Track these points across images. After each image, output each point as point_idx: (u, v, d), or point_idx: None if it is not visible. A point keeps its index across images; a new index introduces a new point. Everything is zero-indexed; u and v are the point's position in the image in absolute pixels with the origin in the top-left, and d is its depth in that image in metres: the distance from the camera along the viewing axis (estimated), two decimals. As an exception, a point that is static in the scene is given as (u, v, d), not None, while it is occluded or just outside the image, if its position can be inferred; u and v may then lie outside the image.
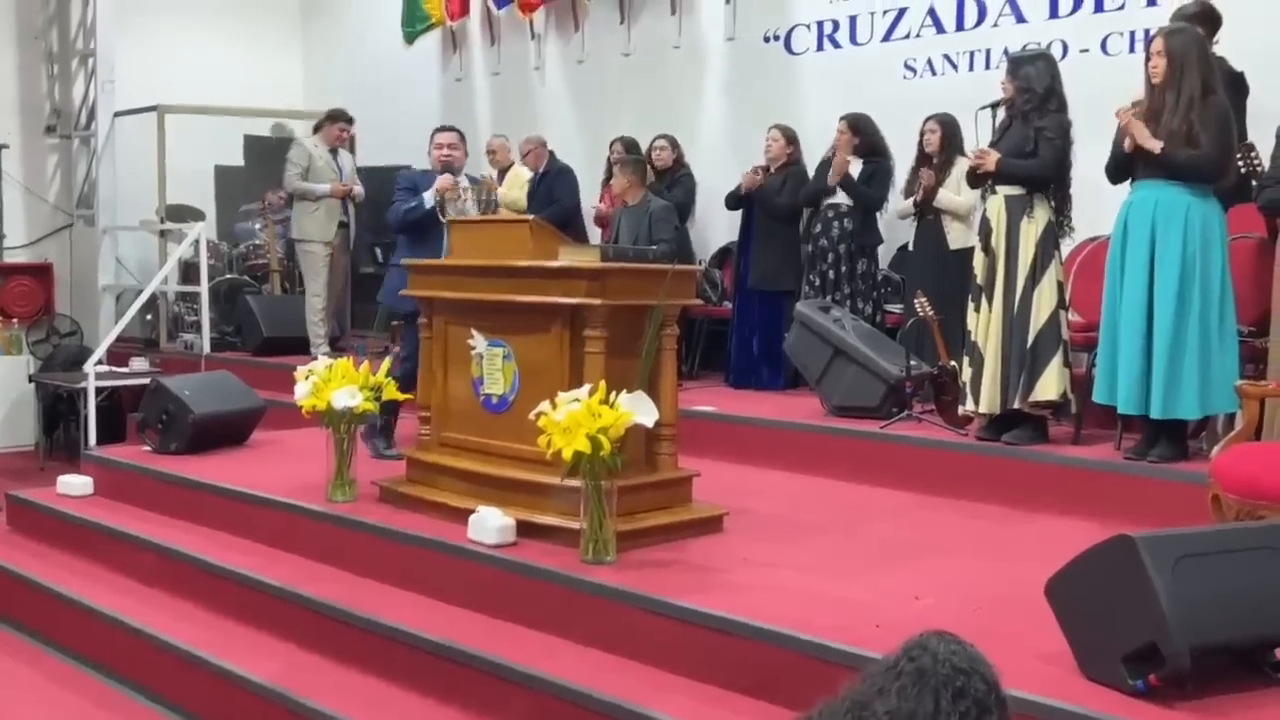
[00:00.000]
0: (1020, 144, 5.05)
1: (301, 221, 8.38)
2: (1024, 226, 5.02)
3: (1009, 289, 5.02)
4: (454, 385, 4.63)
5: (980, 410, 5.06)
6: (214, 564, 4.61)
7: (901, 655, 1.77)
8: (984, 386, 5.04)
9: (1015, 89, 5.06)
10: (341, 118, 8.59)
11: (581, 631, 3.67)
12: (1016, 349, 4.99)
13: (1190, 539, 2.86)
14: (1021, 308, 4.99)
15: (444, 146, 5.86)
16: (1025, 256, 5.00)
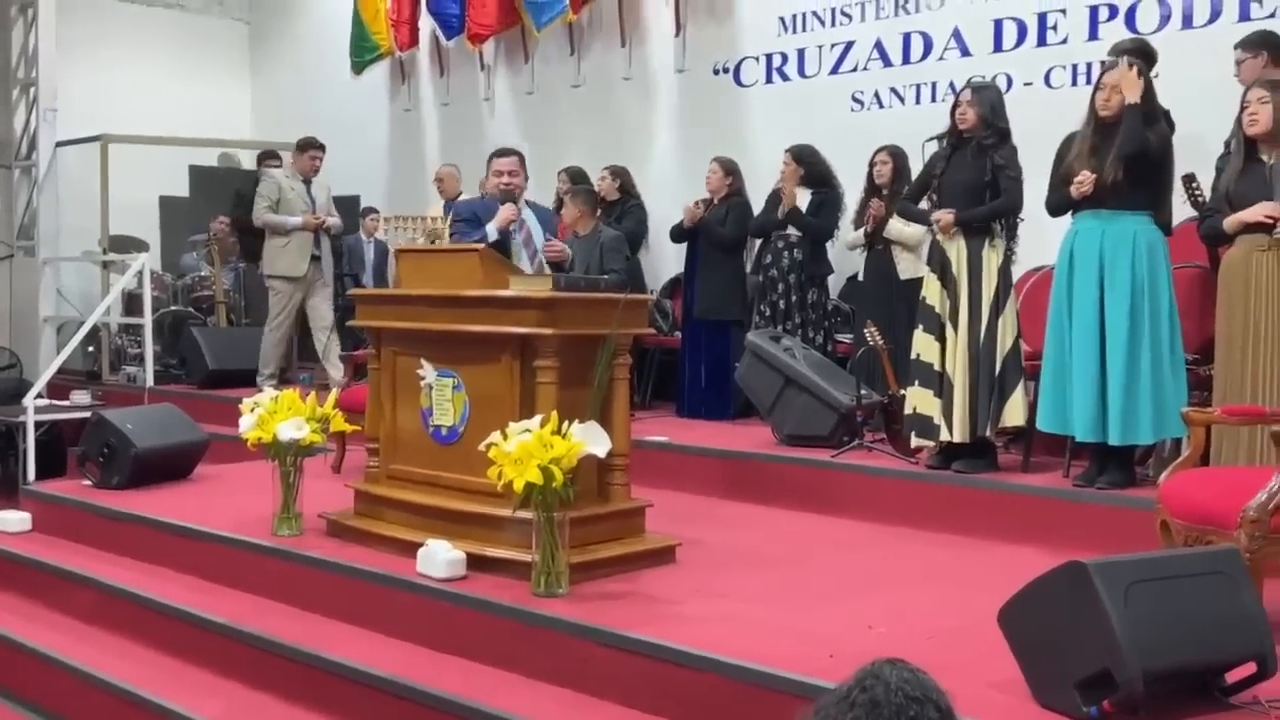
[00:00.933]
0: (976, 175, 5.08)
1: (272, 256, 8.16)
2: (986, 257, 5.06)
3: (973, 318, 5.05)
4: (403, 416, 4.58)
5: (955, 439, 5.06)
6: (156, 601, 4.51)
7: (854, 684, 1.75)
8: (956, 415, 5.04)
9: (978, 116, 5.09)
10: (312, 145, 8.41)
11: (534, 665, 3.62)
12: (985, 377, 5.02)
13: (1141, 565, 2.87)
14: (988, 336, 5.03)
15: (504, 173, 5.39)
16: (989, 286, 5.05)
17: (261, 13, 11.80)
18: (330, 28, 10.62)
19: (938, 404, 5.08)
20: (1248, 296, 4.24)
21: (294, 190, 8.19)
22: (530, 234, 5.33)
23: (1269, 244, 4.21)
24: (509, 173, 5.38)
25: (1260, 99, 4.22)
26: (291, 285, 8.13)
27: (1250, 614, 2.87)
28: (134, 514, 5.19)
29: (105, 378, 9.75)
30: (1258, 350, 4.21)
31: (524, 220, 5.33)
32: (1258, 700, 2.84)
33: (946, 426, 5.06)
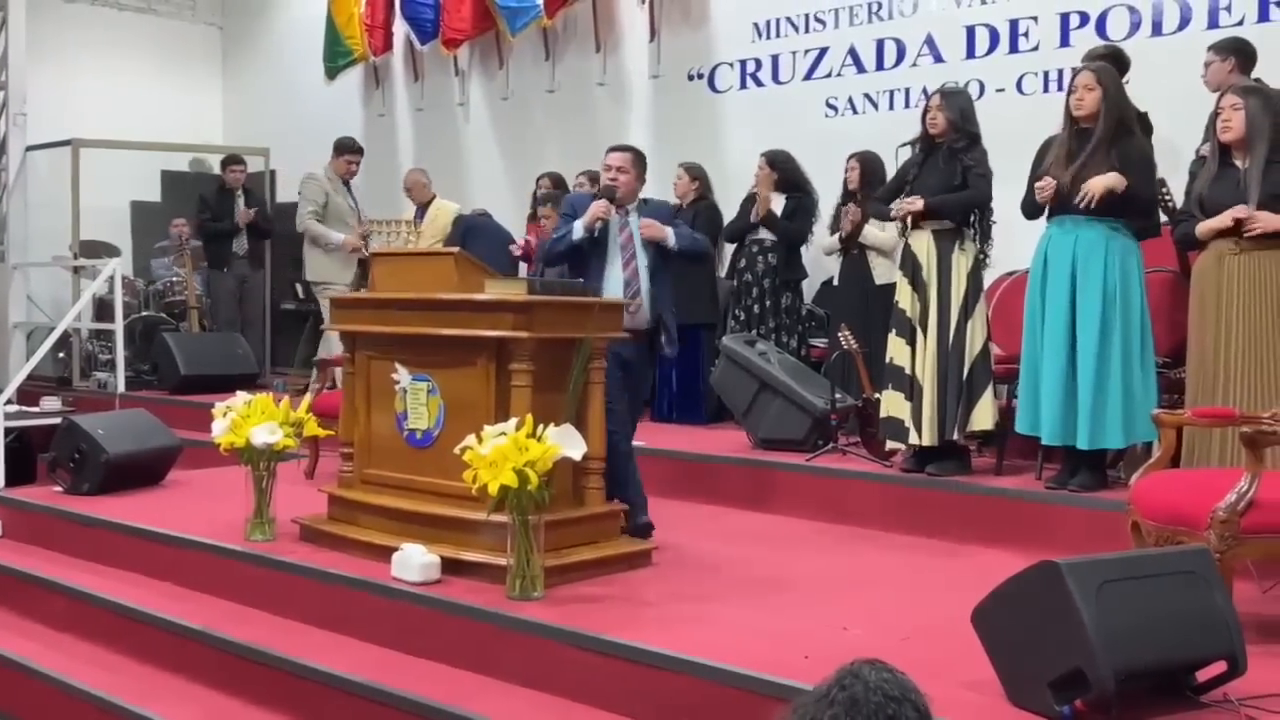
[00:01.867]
0: (947, 179, 5.11)
1: (315, 261, 8.00)
2: (955, 260, 5.09)
3: (942, 322, 5.08)
4: (377, 421, 4.56)
5: (924, 442, 5.09)
6: (128, 607, 4.47)
7: (834, 684, 1.76)
8: (924, 419, 5.06)
9: (948, 121, 5.12)
10: (350, 149, 8.22)
11: (509, 669, 3.61)
12: (954, 381, 5.05)
13: (1113, 564, 2.89)
14: (956, 340, 5.05)
15: (611, 168, 4.87)
16: (958, 290, 5.07)
17: (234, 17, 11.75)
18: (303, 32, 10.58)
19: (908, 407, 5.11)
20: (1219, 300, 4.28)
21: (339, 195, 8.02)
22: (632, 237, 4.79)
23: (1239, 248, 4.25)
24: (616, 168, 4.86)
25: (1233, 105, 4.26)
26: (347, 289, 7.86)
27: (1220, 613, 2.90)
28: (105, 520, 5.15)
29: (76, 384, 9.67)
30: (1229, 353, 4.25)
31: (626, 221, 4.80)
32: (1228, 698, 2.87)
33: (915, 430, 5.09)
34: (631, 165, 4.86)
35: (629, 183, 4.84)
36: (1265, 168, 4.19)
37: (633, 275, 4.75)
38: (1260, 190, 4.19)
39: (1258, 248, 4.22)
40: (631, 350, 4.66)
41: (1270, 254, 4.23)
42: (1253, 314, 4.23)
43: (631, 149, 4.97)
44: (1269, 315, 4.22)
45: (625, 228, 4.81)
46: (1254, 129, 4.21)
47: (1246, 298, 4.24)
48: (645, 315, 4.74)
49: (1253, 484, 3.29)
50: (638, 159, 4.91)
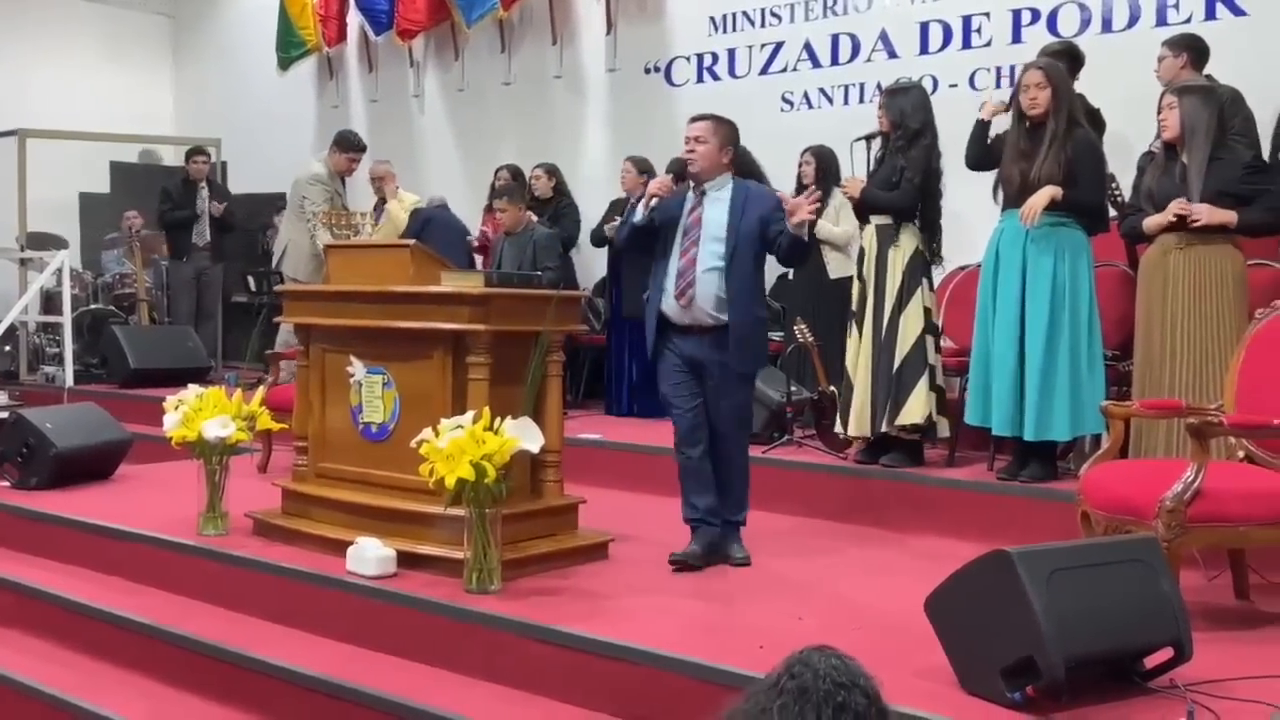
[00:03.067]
0: (889, 174, 5.19)
1: (298, 261, 7.70)
2: (891, 255, 5.15)
3: (878, 315, 5.15)
4: (331, 414, 4.54)
5: (851, 434, 5.16)
6: (79, 603, 4.42)
7: (783, 672, 1.78)
8: (854, 410, 5.15)
9: (889, 122, 5.20)
10: (354, 147, 7.80)
11: (466, 662, 3.61)
12: (884, 373, 5.10)
13: (1063, 553, 2.94)
14: (889, 333, 5.11)
15: (689, 140, 4.22)
16: (892, 284, 5.13)
17: (185, 6, 11.60)
18: (255, 23, 10.47)
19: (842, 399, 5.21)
20: (1165, 293, 4.37)
21: (339, 195, 7.70)
22: (700, 220, 4.20)
23: (1184, 243, 4.33)
24: (694, 138, 4.20)
25: (1169, 105, 4.38)
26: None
27: (1168, 601, 2.95)
28: (54, 515, 5.08)
29: (23, 377, 9.51)
30: (1174, 346, 4.34)
31: (700, 202, 4.21)
32: (1175, 684, 2.92)
33: (842, 421, 5.17)
34: (712, 134, 4.19)
35: (708, 154, 4.18)
36: (1209, 163, 4.27)
37: (688, 264, 4.15)
38: (1203, 185, 4.27)
39: (1201, 242, 4.32)
40: (696, 346, 4.19)
41: (1214, 248, 4.32)
42: (1197, 307, 4.32)
43: (713, 116, 4.27)
44: (1213, 308, 4.31)
45: (696, 209, 4.21)
46: (1189, 126, 4.31)
47: (1191, 291, 4.33)
48: (703, 311, 4.15)
49: (1199, 474, 3.35)
50: (720, 127, 4.22)
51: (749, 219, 4.17)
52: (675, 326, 4.23)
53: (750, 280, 4.21)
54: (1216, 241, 4.32)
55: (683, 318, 4.20)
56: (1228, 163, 4.31)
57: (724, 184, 4.24)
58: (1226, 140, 4.37)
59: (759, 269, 4.28)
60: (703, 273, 4.15)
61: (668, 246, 4.22)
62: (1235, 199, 4.26)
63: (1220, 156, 4.30)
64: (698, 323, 4.18)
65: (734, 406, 4.26)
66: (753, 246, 4.19)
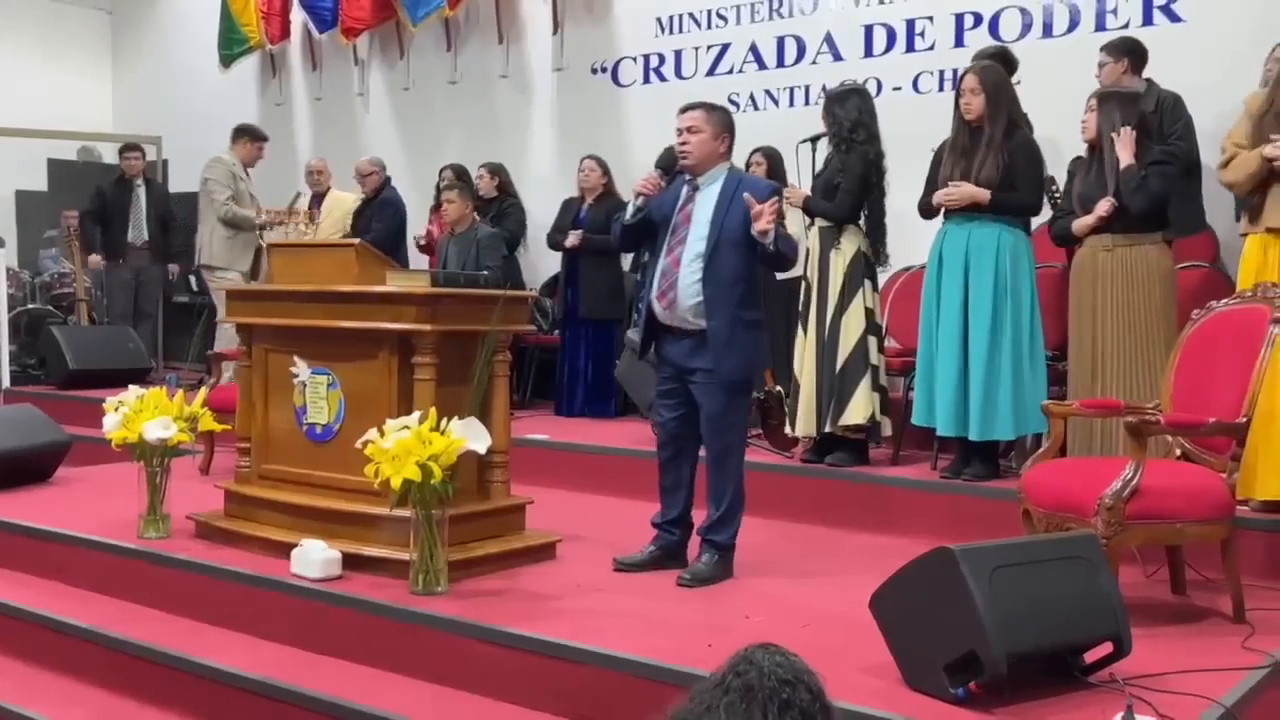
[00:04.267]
0: (831, 175, 5.24)
1: (219, 249, 7.70)
2: (833, 257, 5.20)
3: (820, 316, 5.19)
4: (275, 415, 4.49)
5: (798, 433, 5.21)
6: (14, 607, 4.33)
7: (728, 671, 1.79)
8: (800, 410, 5.20)
9: (827, 124, 5.27)
10: (261, 136, 7.92)
11: (412, 664, 3.58)
12: (827, 374, 5.15)
13: (1005, 550, 2.98)
14: (831, 334, 5.16)
15: (680, 130, 4.01)
16: (835, 285, 5.18)
17: (124, 2, 11.42)
18: (197, 19, 10.34)
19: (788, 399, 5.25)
20: (1095, 294, 4.47)
21: (243, 181, 7.77)
22: (690, 217, 4.00)
23: (1113, 244, 4.44)
24: (686, 129, 3.98)
25: (1089, 108, 4.52)
26: (235, 278, 7.66)
27: (1107, 596, 3.00)
28: (-10, 518, 4.98)
29: (-43, 379, 9.32)
30: (1105, 346, 4.43)
31: (692, 196, 4.01)
32: (1114, 678, 2.97)
33: (790, 421, 5.21)
34: (705, 123, 3.96)
35: (701, 144, 3.95)
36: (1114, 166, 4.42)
37: (672, 264, 3.96)
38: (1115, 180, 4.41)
39: (1130, 243, 4.44)
40: (679, 351, 4.02)
41: (1142, 249, 4.45)
42: (1126, 307, 4.42)
43: (705, 104, 4.06)
44: (1141, 308, 4.42)
45: (688, 205, 4.00)
46: (1105, 128, 4.43)
47: (1120, 292, 4.44)
48: (684, 314, 3.95)
49: (1137, 472, 3.41)
50: (714, 114, 3.99)
51: (735, 214, 3.90)
52: (663, 328, 4.07)
53: (733, 281, 3.91)
54: (1145, 242, 4.45)
55: (668, 320, 4.02)
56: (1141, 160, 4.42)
57: (717, 176, 3.99)
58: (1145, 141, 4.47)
59: (748, 268, 3.95)
60: (685, 273, 3.94)
61: (659, 245, 4.06)
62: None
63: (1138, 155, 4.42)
64: (680, 325, 4.00)
65: (715, 418, 3.99)
66: (738, 245, 3.90)
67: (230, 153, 7.98)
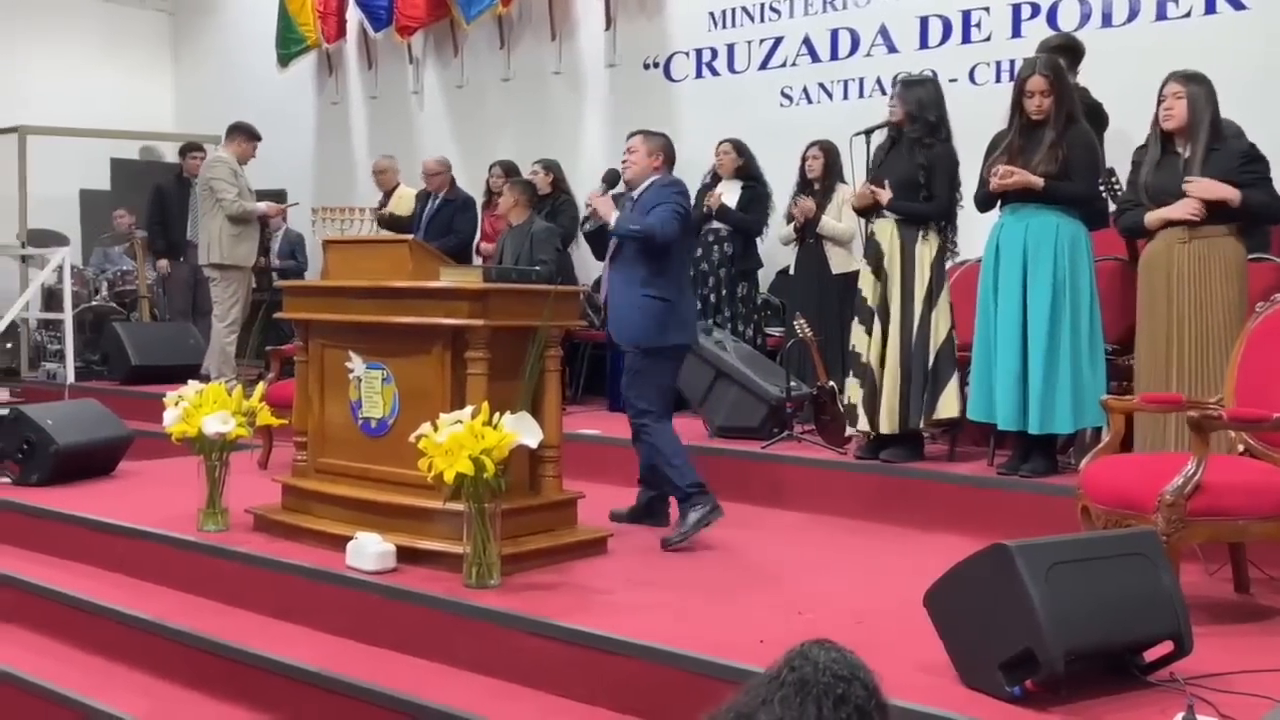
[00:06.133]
0: (910, 173, 5.10)
1: (229, 245, 7.74)
2: (919, 250, 5.12)
3: (906, 311, 5.11)
4: (331, 410, 4.53)
5: (882, 431, 5.12)
6: (79, 598, 4.42)
7: (784, 665, 1.78)
8: (883, 408, 5.08)
9: (905, 113, 5.15)
10: (255, 134, 8.02)
11: (466, 656, 3.61)
12: (918, 370, 5.08)
13: (1062, 547, 2.93)
14: (920, 329, 5.08)
15: (626, 152, 4.74)
16: (921, 279, 5.10)
17: (185, 3, 11.60)
18: (255, 19, 10.47)
19: (862, 394, 5.14)
20: (1169, 288, 4.35)
21: (243, 177, 7.87)
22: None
23: (1188, 236, 4.32)
24: (628, 150, 4.70)
25: (1175, 94, 4.32)
26: (243, 274, 7.80)
27: (1167, 594, 2.95)
28: (55, 511, 5.07)
29: (24, 374, 9.53)
30: (1181, 341, 4.32)
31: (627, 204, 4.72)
32: (1174, 678, 2.92)
33: (868, 418, 5.12)
34: (642, 144, 4.66)
35: (637, 162, 4.65)
36: (1206, 154, 4.26)
37: (606, 264, 4.55)
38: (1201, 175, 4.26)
39: (1205, 235, 4.30)
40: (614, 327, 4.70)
41: (1217, 241, 4.31)
42: (1200, 302, 4.30)
43: (643, 132, 4.74)
44: (1216, 303, 4.30)
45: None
46: (1196, 117, 4.28)
47: (1194, 286, 4.31)
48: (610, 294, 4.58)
49: (1199, 468, 3.35)
50: (649, 140, 4.67)
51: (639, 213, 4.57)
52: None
53: (634, 267, 4.55)
54: (1219, 235, 4.31)
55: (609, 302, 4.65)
56: (1224, 153, 4.29)
57: (645, 185, 4.63)
58: (1221, 131, 4.35)
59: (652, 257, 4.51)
60: (609, 269, 4.64)
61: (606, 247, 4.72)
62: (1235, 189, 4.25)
63: (1216, 147, 4.29)
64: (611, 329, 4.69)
65: (630, 386, 4.64)
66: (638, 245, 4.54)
67: (225, 150, 8.00)
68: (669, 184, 4.65)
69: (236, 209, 7.70)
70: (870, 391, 5.12)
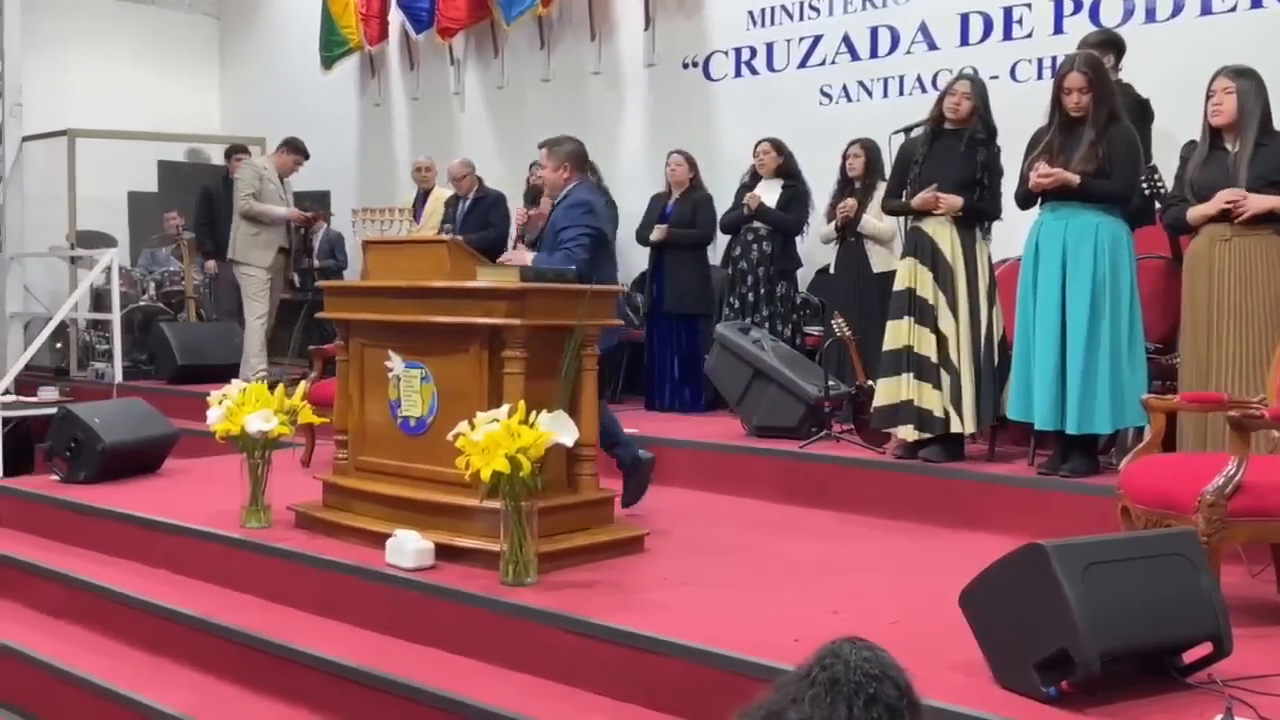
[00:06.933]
0: (968, 170, 5.07)
1: (243, 244, 8.04)
2: (979, 249, 5.11)
3: (974, 310, 5.08)
4: (371, 408, 4.58)
5: (967, 430, 5.07)
6: (125, 594, 4.49)
7: (814, 663, 1.78)
8: (965, 406, 5.03)
9: (973, 109, 5.10)
10: (301, 150, 8.31)
11: (503, 653, 3.63)
12: (987, 368, 5.06)
13: (1099, 546, 2.91)
14: (988, 328, 5.08)
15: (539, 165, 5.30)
16: (983, 278, 5.09)
17: (230, 7, 11.74)
18: (299, 22, 10.58)
19: (937, 396, 5.06)
20: (1210, 285, 4.30)
21: (272, 183, 8.09)
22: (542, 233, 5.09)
23: (1231, 233, 4.26)
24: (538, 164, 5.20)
25: (1225, 89, 4.27)
26: (264, 273, 8.04)
27: (1207, 595, 2.91)
28: (102, 508, 5.16)
29: (73, 374, 9.69)
30: (1223, 339, 4.27)
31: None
32: (1213, 680, 2.89)
33: (958, 417, 5.04)
34: (548, 159, 4.98)
35: (547, 175, 5.04)
36: (1254, 150, 4.20)
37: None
38: (1249, 173, 4.20)
39: (1249, 232, 4.24)
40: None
41: (1261, 238, 4.25)
42: (1244, 299, 4.25)
43: (547, 143, 5.06)
44: (1259, 300, 4.24)
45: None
46: (1246, 112, 4.22)
47: (1238, 283, 4.26)
48: None
49: (1240, 468, 3.31)
50: (553, 152, 4.97)
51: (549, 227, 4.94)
52: None
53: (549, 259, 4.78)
54: (1264, 232, 4.25)
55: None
56: (1272, 149, 4.23)
57: (562, 195, 4.93)
58: (1271, 127, 4.29)
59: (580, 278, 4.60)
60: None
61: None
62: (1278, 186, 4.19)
63: (1264, 143, 4.23)
64: None
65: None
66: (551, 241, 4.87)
67: (268, 158, 8.32)
68: (577, 204, 4.85)
69: (245, 206, 7.96)
70: (954, 393, 5.04)
